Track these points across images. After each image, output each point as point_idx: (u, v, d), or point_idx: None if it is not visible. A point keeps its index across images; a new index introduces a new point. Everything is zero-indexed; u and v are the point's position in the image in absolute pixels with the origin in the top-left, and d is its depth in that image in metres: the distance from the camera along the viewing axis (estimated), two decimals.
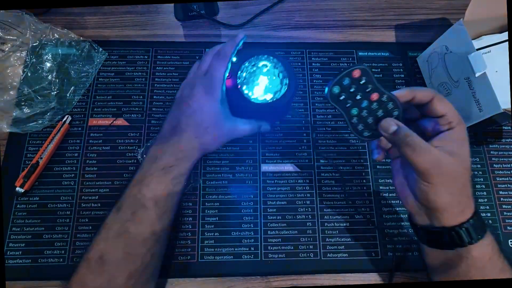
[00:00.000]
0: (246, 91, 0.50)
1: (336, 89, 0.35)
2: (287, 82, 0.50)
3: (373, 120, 0.37)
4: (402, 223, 0.52)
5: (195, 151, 0.45)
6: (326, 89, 0.35)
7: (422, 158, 0.34)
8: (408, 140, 0.34)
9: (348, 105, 0.36)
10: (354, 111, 0.36)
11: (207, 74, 0.46)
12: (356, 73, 0.35)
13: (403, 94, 0.37)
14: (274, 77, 0.51)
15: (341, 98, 0.35)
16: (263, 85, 0.51)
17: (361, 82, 0.35)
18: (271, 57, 0.51)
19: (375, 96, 0.36)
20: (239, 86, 0.49)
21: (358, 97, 0.36)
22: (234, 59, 0.50)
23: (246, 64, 0.51)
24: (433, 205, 0.36)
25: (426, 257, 0.42)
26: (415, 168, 0.35)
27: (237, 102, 0.49)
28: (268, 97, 0.50)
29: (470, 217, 0.36)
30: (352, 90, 0.35)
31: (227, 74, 0.47)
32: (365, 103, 0.36)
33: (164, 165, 0.43)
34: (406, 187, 0.39)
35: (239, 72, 0.50)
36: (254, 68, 0.51)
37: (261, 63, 0.51)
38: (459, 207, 0.36)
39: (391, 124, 0.36)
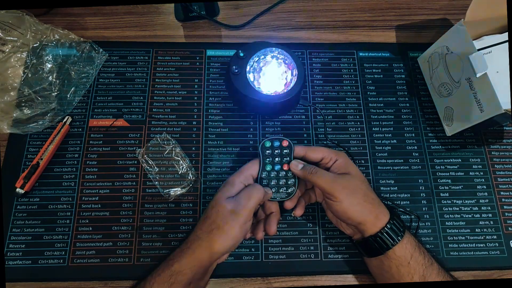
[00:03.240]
0: (257, 86, 0.50)
1: (267, 143, 0.47)
2: (297, 73, 0.50)
3: (279, 182, 0.47)
4: None
5: (200, 242, 0.42)
6: (263, 141, 0.47)
7: (324, 180, 0.43)
8: (312, 170, 0.44)
9: (268, 159, 0.47)
10: (268, 167, 0.47)
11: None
12: (285, 143, 0.47)
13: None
14: (285, 69, 0.51)
15: (267, 152, 0.47)
16: (273, 77, 0.50)
17: (284, 151, 0.47)
18: (279, 49, 0.51)
19: (286, 167, 0.47)
20: (249, 81, 0.49)
21: (277, 159, 0.47)
22: (242, 54, 0.50)
23: (255, 58, 0.51)
24: (353, 219, 0.43)
25: (369, 267, 0.48)
26: (322, 190, 0.44)
27: (249, 98, 0.49)
28: (280, 89, 0.50)
29: (387, 222, 0.43)
30: (276, 151, 0.47)
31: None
32: (277, 167, 0.47)
33: (169, 258, 0.43)
34: (335, 218, 0.47)
35: (248, 67, 0.50)
36: (263, 62, 0.51)
37: (269, 56, 0.51)
38: (372, 214, 0.43)
39: (298, 164, 0.46)
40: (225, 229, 0.41)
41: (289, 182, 0.47)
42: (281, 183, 0.47)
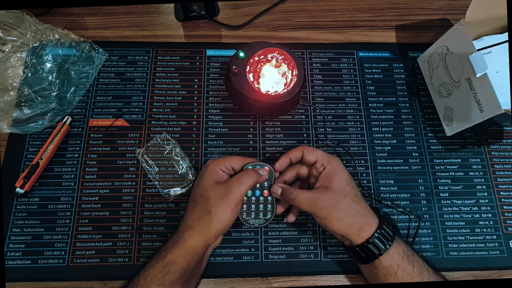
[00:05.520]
0: (257, 86, 0.50)
1: (249, 166, 0.47)
2: (297, 73, 0.50)
3: (258, 208, 0.48)
4: (400, 224, 0.52)
5: (191, 230, 0.42)
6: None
7: (304, 204, 0.44)
8: (290, 196, 0.45)
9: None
10: (249, 193, 0.47)
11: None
12: (267, 170, 0.48)
13: (282, 161, 0.48)
14: (284, 69, 0.51)
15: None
16: (273, 77, 0.51)
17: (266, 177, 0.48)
18: (279, 49, 0.51)
19: (266, 193, 0.48)
20: (249, 81, 0.49)
21: (257, 185, 0.48)
22: (242, 54, 0.51)
23: (255, 58, 0.51)
24: (336, 233, 0.44)
25: (362, 271, 0.48)
26: (306, 211, 0.44)
27: (249, 98, 0.49)
28: (280, 89, 0.51)
29: (374, 232, 0.43)
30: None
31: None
32: (258, 192, 0.48)
33: (161, 250, 0.43)
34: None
35: (248, 67, 0.50)
36: (263, 62, 0.51)
37: (269, 56, 0.52)
38: (356, 227, 0.43)
39: (277, 189, 0.47)
40: (217, 213, 0.41)
41: (268, 208, 0.48)
42: (260, 209, 0.47)
